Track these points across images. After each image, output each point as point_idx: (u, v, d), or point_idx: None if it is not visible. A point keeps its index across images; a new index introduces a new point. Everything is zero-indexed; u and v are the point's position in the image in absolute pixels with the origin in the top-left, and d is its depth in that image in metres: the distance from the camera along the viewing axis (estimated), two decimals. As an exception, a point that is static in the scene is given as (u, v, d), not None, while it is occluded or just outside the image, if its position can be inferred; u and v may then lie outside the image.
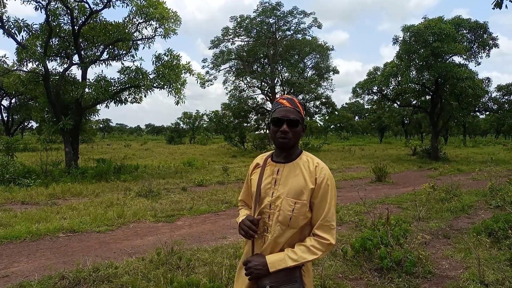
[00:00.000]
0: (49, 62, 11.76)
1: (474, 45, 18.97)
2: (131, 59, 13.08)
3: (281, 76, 28.58)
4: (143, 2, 11.73)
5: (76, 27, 11.53)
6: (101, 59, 12.66)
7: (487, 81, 20.20)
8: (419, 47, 17.45)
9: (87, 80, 12.05)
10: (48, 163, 11.42)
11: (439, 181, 10.36)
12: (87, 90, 11.50)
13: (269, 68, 28.08)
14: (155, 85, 11.79)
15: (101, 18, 12.28)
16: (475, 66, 39.08)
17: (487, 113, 24.73)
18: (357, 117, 66.65)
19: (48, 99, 11.40)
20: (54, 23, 11.43)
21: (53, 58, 12.40)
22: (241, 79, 29.42)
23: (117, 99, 12.39)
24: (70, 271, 3.72)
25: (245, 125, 28.69)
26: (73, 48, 12.13)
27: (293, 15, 27.67)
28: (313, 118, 36.12)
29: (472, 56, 19.20)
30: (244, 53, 28.75)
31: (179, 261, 3.98)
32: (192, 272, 3.77)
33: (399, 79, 18.56)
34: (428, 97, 20.75)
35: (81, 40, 12.34)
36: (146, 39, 12.81)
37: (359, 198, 5.76)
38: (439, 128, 20.40)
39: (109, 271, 3.76)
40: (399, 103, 22.77)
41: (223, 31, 28.47)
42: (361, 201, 5.41)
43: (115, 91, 11.75)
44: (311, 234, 1.64)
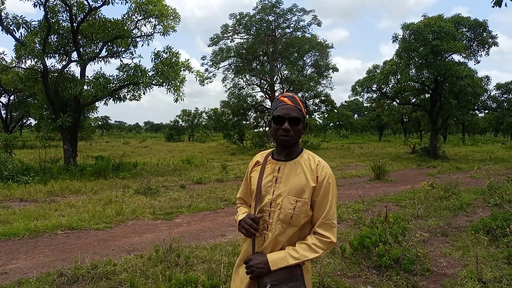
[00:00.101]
0: (47, 59, 11.73)
1: (473, 43, 18.97)
2: (130, 56, 13.01)
3: (281, 74, 28.56)
4: (142, -1, 11.69)
5: (75, 24, 11.48)
6: (100, 56, 12.60)
7: (486, 80, 20.21)
8: (418, 45, 17.44)
9: (85, 77, 12.01)
10: (47, 160, 11.41)
11: (438, 179, 10.37)
12: (85, 87, 11.49)
13: (268, 66, 28.05)
14: (154, 82, 11.78)
15: (100, 15, 12.23)
16: (475, 65, 39.00)
17: (486, 111, 24.74)
18: (356, 115, 66.55)
19: (46, 96, 11.37)
20: (53, 20, 11.38)
21: (52, 55, 12.32)
22: (240, 76, 29.42)
23: (116, 96, 12.34)
24: (69, 268, 3.72)
25: (244, 122, 28.64)
26: (71, 45, 12.09)
27: (292, 12, 27.65)
28: (312, 116, 36.11)
29: (472, 55, 19.19)
30: (244, 50, 28.70)
31: (178, 258, 3.99)
32: (191, 269, 3.77)
33: (399, 77, 18.58)
34: (428, 95, 20.76)
35: (79, 37, 12.28)
36: (145, 36, 12.76)
37: (358, 196, 5.76)
38: (438, 126, 20.42)
39: (108, 268, 3.76)
40: (398, 101, 22.80)
41: (222, 28, 28.45)
42: (360, 199, 5.41)
43: (114, 88, 11.71)
44: (312, 232, 1.64)
